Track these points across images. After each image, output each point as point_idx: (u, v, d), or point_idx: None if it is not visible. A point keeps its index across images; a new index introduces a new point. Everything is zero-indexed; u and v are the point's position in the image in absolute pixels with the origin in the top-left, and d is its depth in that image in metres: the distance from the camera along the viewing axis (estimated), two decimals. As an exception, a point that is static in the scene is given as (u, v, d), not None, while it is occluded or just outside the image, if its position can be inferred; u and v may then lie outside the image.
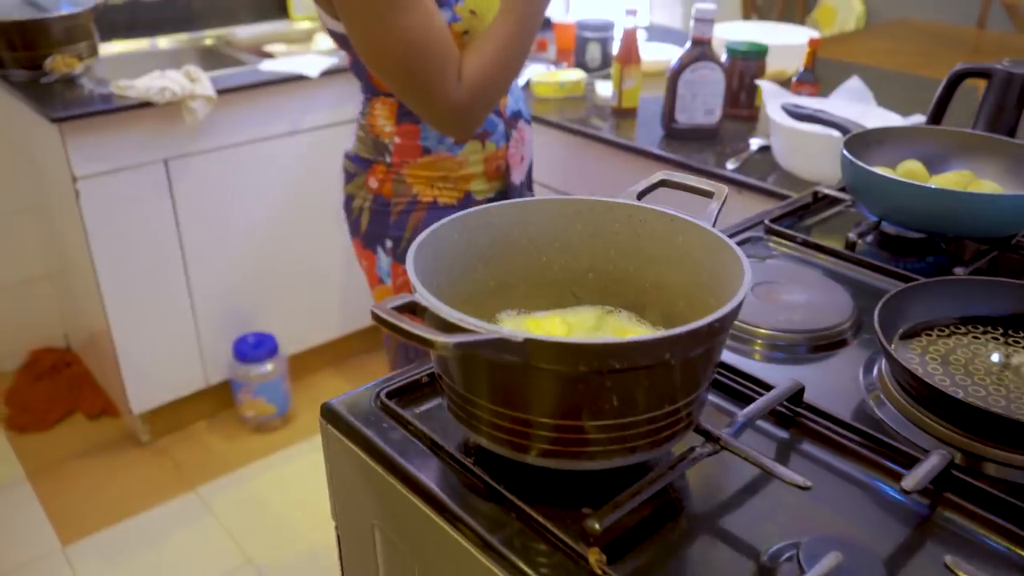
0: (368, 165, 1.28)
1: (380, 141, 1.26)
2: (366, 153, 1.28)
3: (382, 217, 1.28)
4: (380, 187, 1.27)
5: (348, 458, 0.70)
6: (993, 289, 0.80)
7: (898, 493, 0.63)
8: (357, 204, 1.30)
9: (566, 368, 0.53)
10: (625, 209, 0.72)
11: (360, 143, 1.29)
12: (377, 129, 1.26)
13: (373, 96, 1.26)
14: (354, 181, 1.30)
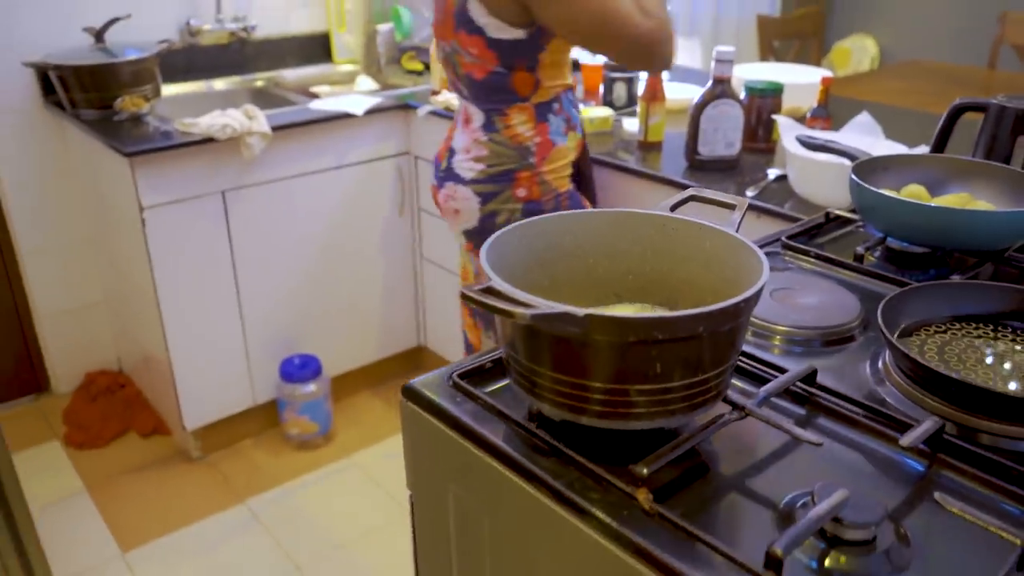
0: (511, 177, 1.46)
1: (523, 145, 1.45)
2: (508, 164, 1.45)
3: None
4: (529, 193, 1.48)
5: (426, 430, 0.82)
6: (982, 291, 0.91)
7: (899, 455, 0.74)
8: (503, 218, 1.48)
9: (618, 339, 0.65)
10: (660, 219, 0.85)
11: (496, 158, 1.46)
12: (519, 136, 1.46)
13: (509, 105, 1.45)
14: (495, 199, 1.47)
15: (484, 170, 1.49)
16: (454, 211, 1.56)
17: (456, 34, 1.45)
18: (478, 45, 1.43)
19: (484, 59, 1.43)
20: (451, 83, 1.58)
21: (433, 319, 2.61)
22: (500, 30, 1.39)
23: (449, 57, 1.51)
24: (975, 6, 3.64)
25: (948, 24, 3.77)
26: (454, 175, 1.54)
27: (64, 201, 2.44)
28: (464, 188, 1.51)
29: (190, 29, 2.50)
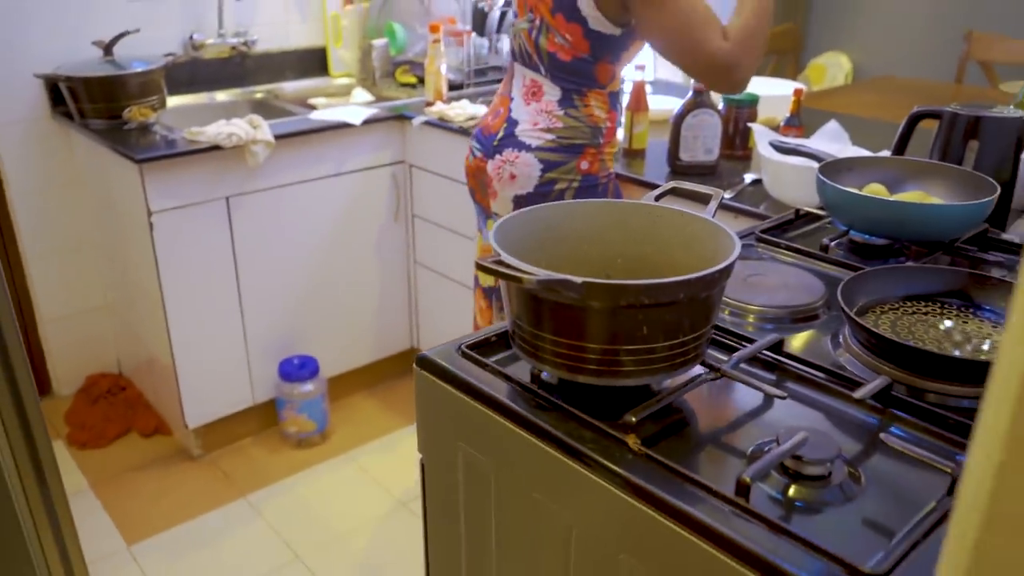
0: (580, 150, 1.60)
1: (597, 126, 1.61)
2: (579, 139, 1.60)
3: (591, 190, 1.63)
4: (591, 167, 1.62)
5: (438, 395, 0.92)
6: (930, 273, 1.02)
7: (856, 411, 0.85)
8: (560, 187, 1.62)
9: (610, 303, 0.75)
10: (646, 208, 0.96)
11: (570, 131, 1.59)
12: (595, 117, 1.61)
13: (590, 88, 1.59)
14: (558, 168, 1.60)
15: (554, 140, 1.60)
16: (510, 176, 1.64)
17: (553, 15, 1.55)
18: (575, 33, 1.54)
19: (578, 47, 1.55)
20: (521, 53, 1.65)
21: (426, 322, 2.70)
22: (600, 24, 1.52)
23: (533, 30, 1.60)
24: (942, 25, 3.81)
25: (918, 42, 3.94)
26: (517, 142, 1.63)
27: (69, 208, 2.52)
28: (528, 154, 1.62)
29: (194, 43, 2.59)
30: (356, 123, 2.34)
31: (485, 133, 1.72)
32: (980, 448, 0.31)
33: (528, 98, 1.65)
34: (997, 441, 0.30)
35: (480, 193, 1.76)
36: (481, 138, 1.73)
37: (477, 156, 1.73)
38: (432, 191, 2.47)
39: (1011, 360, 0.30)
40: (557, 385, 0.87)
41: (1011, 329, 0.30)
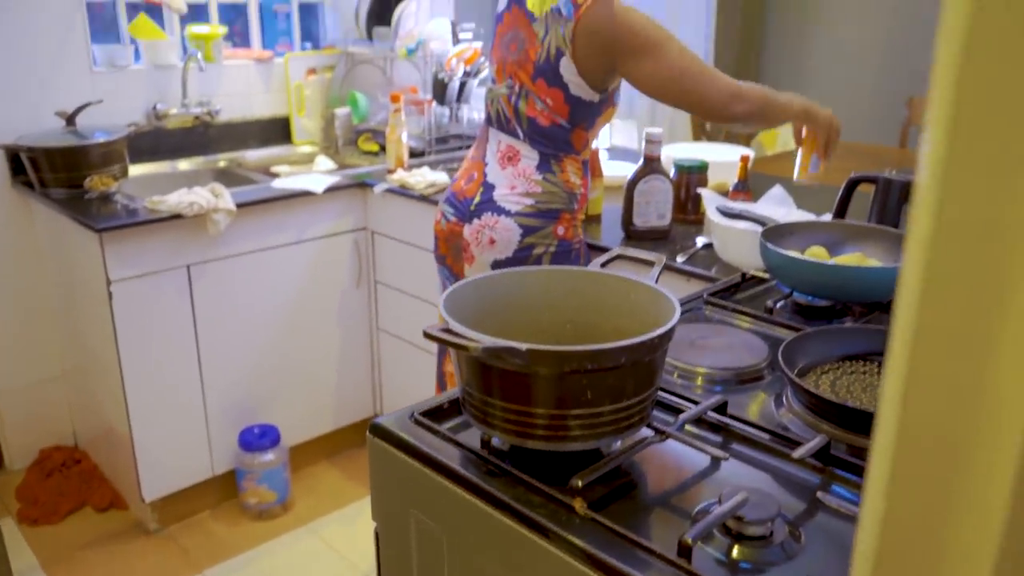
0: (557, 215, 1.65)
1: (572, 192, 1.67)
2: (556, 204, 1.64)
3: (566, 255, 1.67)
4: (566, 232, 1.67)
5: (391, 463, 0.93)
6: (866, 334, 1.07)
7: (799, 470, 0.87)
8: (538, 251, 1.65)
9: (555, 369, 0.77)
10: (592, 275, 0.99)
11: (547, 196, 1.64)
12: (571, 183, 1.66)
13: (567, 155, 1.65)
14: (536, 233, 1.64)
15: (533, 205, 1.65)
16: (489, 240, 1.67)
17: (534, 81, 1.61)
18: (556, 98, 1.60)
19: (557, 112, 1.61)
20: (498, 118, 1.70)
21: (389, 388, 2.70)
22: (581, 89, 1.59)
23: (512, 95, 1.66)
24: (886, 92, 3.98)
25: (863, 108, 4.11)
26: (496, 207, 1.67)
27: (27, 277, 2.50)
28: (508, 219, 1.65)
29: (157, 113, 2.63)
30: (318, 191, 2.37)
31: (460, 197, 1.75)
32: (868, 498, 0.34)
33: (504, 163, 1.69)
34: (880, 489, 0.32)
35: (452, 258, 1.78)
36: (455, 202, 1.76)
37: (451, 220, 1.75)
38: (394, 257, 2.50)
39: (888, 414, 0.32)
40: (508, 451, 0.89)
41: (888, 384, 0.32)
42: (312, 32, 3.14)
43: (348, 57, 3.01)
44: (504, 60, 1.68)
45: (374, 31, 2.90)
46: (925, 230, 0.28)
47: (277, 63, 2.90)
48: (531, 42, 1.61)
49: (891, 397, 0.31)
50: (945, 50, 0.27)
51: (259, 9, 2.94)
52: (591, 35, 1.54)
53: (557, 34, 1.57)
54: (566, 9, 1.56)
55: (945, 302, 0.29)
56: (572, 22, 1.55)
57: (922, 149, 0.28)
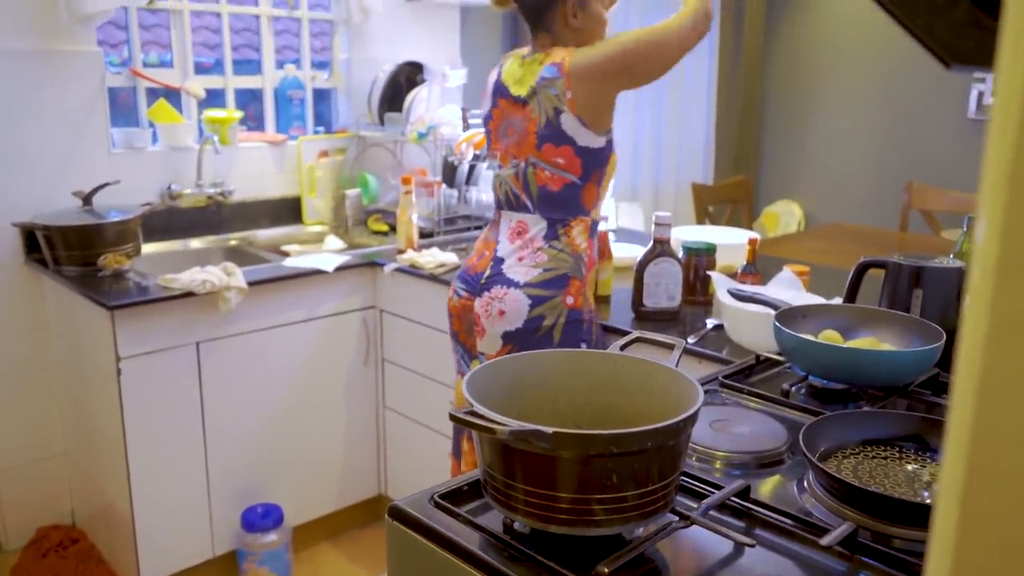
0: (564, 284, 1.66)
1: (579, 255, 1.69)
2: (563, 270, 1.65)
3: (577, 327, 1.66)
4: (575, 302, 1.68)
5: (410, 547, 0.91)
6: (886, 418, 1.06)
7: (825, 558, 0.86)
8: (548, 323, 1.65)
9: (581, 453, 0.77)
10: (612, 358, 0.99)
11: (554, 262, 1.66)
12: (576, 246, 1.69)
13: (574, 217, 1.68)
14: (546, 304, 1.65)
15: (541, 275, 1.67)
16: (499, 312, 1.69)
17: (539, 150, 1.68)
18: (567, 155, 1.66)
19: (569, 169, 1.67)
20: (507, 199, 1.76)
21: (394, 468, 2.67)
22: (588, 139, 1.66)
23: (519, 173, 1.73)
24: (885, 177, 4.07)
25: (863, 192, 4.18)
26: (504, 279, 1.70)
27: (34, 354, 2.50)
28: (516, 291, 1.67)
29: (171, 193, 2.68)
30: (329, 270, 2.40)
31: (471, 273, 1.79)
32: None
33: (513, 237, 1.74)
34: None
35: (465, 333, 1.80)
36: (467, 278, 1.80)
37: (463, 296, 1.79)
38: (403, 336, 2.51)
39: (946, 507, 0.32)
40: (529, 535, 0.87)
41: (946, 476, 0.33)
42: (325, 117, 3.23)
43: (359, 140, 3.09)
44: (505, 147, 1.76)
45: (386, 116, 2.98)
46: (981, 327, 0.29)
47: (290, 146, 2.97)
48: (527, 120, 1.71)
49: (949, 495, 0.32)
50: (997, 148, 0.28)
51: (274, 95, 3.03)
52: (582, 80, 1.64)
53: (549, 97, 1.66)
54: (549, 73, 1.67)
55: (1002, 399, 0.29)
56: (561, 78, 1.65)
57: (975, 246, 0.30)
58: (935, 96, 3.87)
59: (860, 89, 4.14)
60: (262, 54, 2.99)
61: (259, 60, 3.00)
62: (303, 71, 3.07)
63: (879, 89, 4.07)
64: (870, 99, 4.12)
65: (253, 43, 3.06)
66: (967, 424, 0.31)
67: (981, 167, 0.31)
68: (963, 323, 0.31)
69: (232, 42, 2.92)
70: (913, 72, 3.93)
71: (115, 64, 2.77)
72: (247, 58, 3.21)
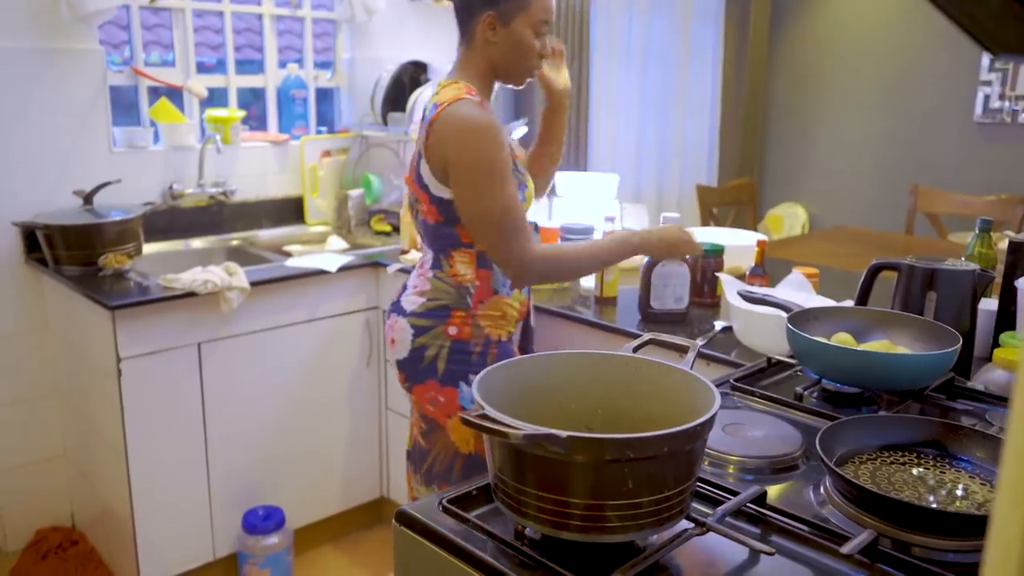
0: (447, 314, 1.59)
1: (463, 286, 1.60)
2: (445, 300, 1.59)
3: (463, 357, 1.59)
4: (459, 332, 1.60)
5: (418, 553, 0.89)
6: (903, 423, 1.04)
7: (843, 565, 0.83)
8: (431, 353, 1.60)
9: (595, 458, 0.75)
10: (625, 360, 0.97)
11: (436, 292, 1.60)
12: (459, 276, 1.61)
13: (454, 248, 1.60)
14: (428, 333, 1.60)
15: (424, 304, 1.63)
16: (391, 341, 1.68)
17: (413, 186, 1.63)
18: (424, 200, 1.60)
19: (429, 213, 1.60)
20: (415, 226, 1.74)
21: (397, 469, 2.64)
22: (440, 190, 1.56)
23: (411, 202, 1.69)
24: (888, 179, 4.04)
25: (867, 194, 4.16)
26: (399, 307, 1.67)
27: (34, 355, 2.48)
28: (403, 320, 1.64)
29: (173, 193, 2.65)
30: (332, 270, 2.37)
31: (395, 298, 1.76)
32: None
33: (419, 267, 1.70)
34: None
35: None
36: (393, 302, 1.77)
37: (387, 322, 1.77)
38: (405, 337, 2.48)
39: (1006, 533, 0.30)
40: (540, 541, 0.85)
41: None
42: (327, 116, 3.21)
43: (363, 140, 3.07)
44: (407, 174, 1.71)
45: (389, 116, 2.96)
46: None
47: (293, 145, 2.95)
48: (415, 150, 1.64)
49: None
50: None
51: (277, 94, 3.01)
52: (436, 138, 1.52)
53: (419, 138, 1.57)
54: (429, 112, 1.56)
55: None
56: (427, 124, 1.54)
57: None
58: (941, 99, 3.86)
59: (865, 92, 4.12)
60: (265, 53, 2.97)
61: (262, 59, 2.98)
62: (306, 70, 3.05)
63: (884, 92, 4.05)
64: (875, 102, 4.10)
65: (256, 43, 3.04)
66: None
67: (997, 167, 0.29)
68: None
69: (235, 42, 2.90)
70: (918, 75, 3.91)
71: (117, 63, 2.75)
72: (250, 58, 3.19)
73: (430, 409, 1.66)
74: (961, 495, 0.93)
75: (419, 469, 1.74)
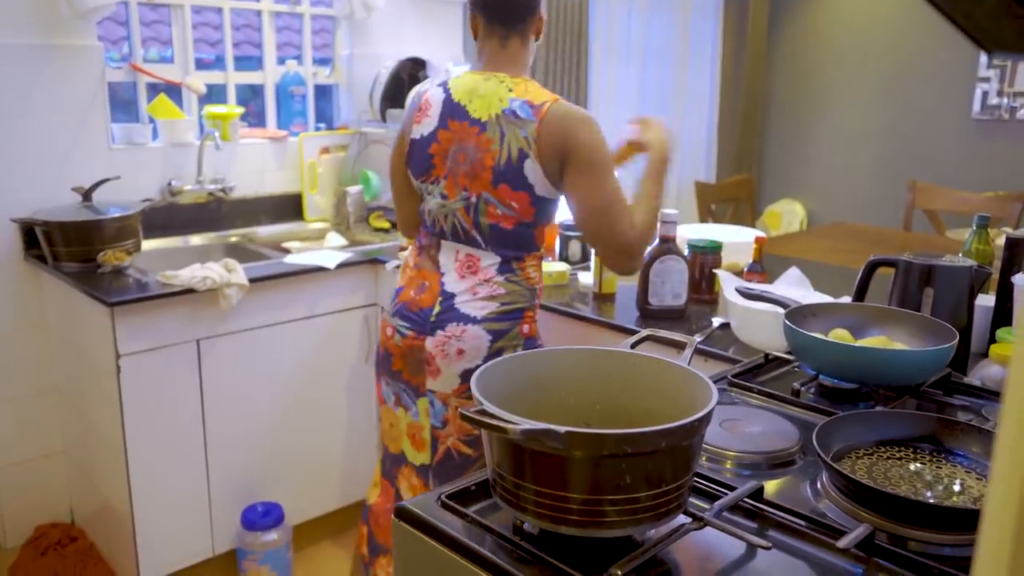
0: (521, 315, 1.63)
1: (533, 287, 1.67)
2: (520, 303, 1.63)
3: None
4: (531, 330, 1.66)
5: (418, 549, 0.90)
6: (900, 419, 1.05)
7: (840, 560, 0.84)
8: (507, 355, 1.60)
9: (593, 452, 0.75)
10: (623, 356, 0.98)
11: (511, 296, 1.62)
12: (531, 279, 1.67)
13: (529, 252, 1.65)
14: (505, 336, 1.62)
15: (498, 308, 1.61)
16: (457, 352, 1.60)
17: (495, 187, 1.57)
18: (522, 201, 1.57)
19: (523, 213, 1.59)
20: (454, 231, 1.64)
21: (395, 466, 2.65)
22: (546, 190, 1.59)
23: (470, 208, 1.61)
24: (886, 176, 4.05)
25: (865, 191, 4.17)
26: (460, 315, 1.60)
27: (33, 351, 2.48)
28: (475, 327, 1.59)
29: (171, 189, 2.66)
30: (331, 267, 2.38)
31: (413, 308, 1.67)
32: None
33: (463, 271, 1.64)
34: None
35: (411, 373, 1.69)
36: (409, 314, 1.67)
37: (407, 335, 1.67)
38: (404, 333, 2.49)
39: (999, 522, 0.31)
40: (539, 536, 0.86)
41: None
42: (326, 113, 3.21)
43: (361, 137, 3.07)
44: (454, 173, 1.62)
45: (388, 113, 2.96)
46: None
47: (291, 142, 2.95)
48: (483, 149, 1.58)
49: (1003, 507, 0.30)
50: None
51: (275, 91, 3.01)
52: (552, 135, 1.54)
53: (517, 136, 1.55)
54: (523, 111, 1.56)
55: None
56: (535, 123, 1.54)
57: None
58: (939, 96, 3.86)
59: (863, 88, 4.13)
60: (263, 50, 2.96)
61: (260, 56, 2.98)
62: (304, 67, 3.05)
63: (882, 88, 4.06)
64: (873, 98, 4.10)
65: (254, 39, 3.04)
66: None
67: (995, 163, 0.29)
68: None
69: (233, 38, 2.90)
70: (917, 72, 3.91)
71: (116, 60, 2.75)
72: (248, 54, 3.19)
73: None
74: (957, 490, 0.93)
75: (448, 480, 1.70)
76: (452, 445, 1.70)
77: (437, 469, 1.73)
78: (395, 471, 1.84)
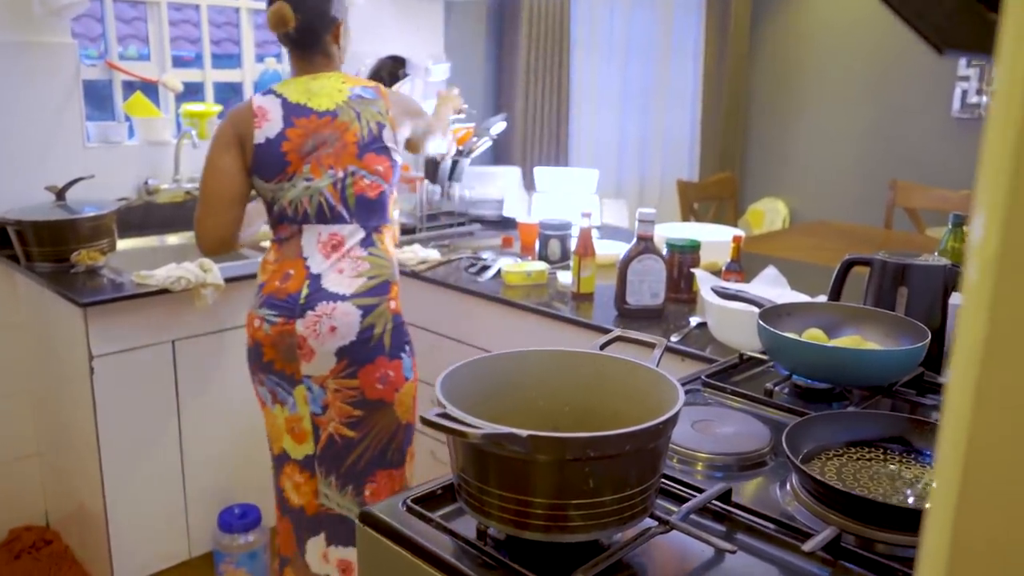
0: (387, 290, 1.68)
1: (392, 260, 1.74)
2: (384, 276, 1.68)
3: (400, 329, 1.70)
4: (396, 306, 1.71)
5: (381, 553, 0.88)
6: (871, 419, 1.04)
7: (807, 563, 0.83)
8: (378, 331, 1.66)
9: (557, 456, 0.74)
10: (591, 358, 0.97)
11: (376, 269, 1.68)
12: (389, 251, 1.75)
13: (385, 223, 1.76)
14: (373, 312, 1.65)
15: (365, 283, 1.67)
16: (329, 329, 1.64)
17: (361, 159, 1.74)
18: (384, 163, 1.76)
19: (385, 177, 1.76)
20: (318, 212, 1.72)
21: (375, 466, 2.63)
22: (398, 153, 1.81)
23: (337, 183, 1.72)
24: (869, 174, 4.06)
25: (847, 189, 4.18)
26: (328, 295, 1.65)
27: (5, 353, 2.44)
28: (345, 303, 1.64)
29: (147, 188, 2.63)
30: (308, 266, 2.35)
31: (280, 296, 1.71)
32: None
33: (327, 251, 1.70)
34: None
35: (283, 361, 1.73)
36: (276, 302, 1.72)
37: (276, 322, 1.71)
38: (383, 333, 2.47)
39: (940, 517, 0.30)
40: (504, 541, 0.85)
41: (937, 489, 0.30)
42: (306, 110, 3.17)
43: (341, 135, 3.04)
44: (318, 157, 1.73)
45: (368, 110, 2.94)
46: (978, 331, 0.26)
47: (270, 140, 2.92)
48: (342, 130, 1.74)
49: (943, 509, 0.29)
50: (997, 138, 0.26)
51: (254, 88, 2.98)
52: (396, 105, 1.83)
53: (372, 113, 1.78)
54: (368, 94, 1.80)
55: (999, 409, 0.27)
56: (381, 99, 1.81)
57: (972, 244, 0.27)
58: (920, 94, 3.88)
59: (845, 87, 4.14)
60: (242, 47, 2.94)
61: (239, 53, 2.95)
62: (283, 64, 3.02)
63: (864, 87, 4.07)
64: (855, 97, 4.11)
65: (234, 36, 3.01)
66: (963, 428, 0.28)
67: (975, 162, 0.28)
68: (959, 325, 0.28)
69: (214, 35, 2.87)
70: (898, 70, 3.93)
71: (92, 57, 2.72)
72: (230, 52, 3.16)
73: (378, 388, 1.69)
74: (925, 491, 0.93)
75: (336, 469, 1.74)
76: (334, 430, 1.74)
77: (322, 456, 1.77)
78: (278, 474, 1.88)
